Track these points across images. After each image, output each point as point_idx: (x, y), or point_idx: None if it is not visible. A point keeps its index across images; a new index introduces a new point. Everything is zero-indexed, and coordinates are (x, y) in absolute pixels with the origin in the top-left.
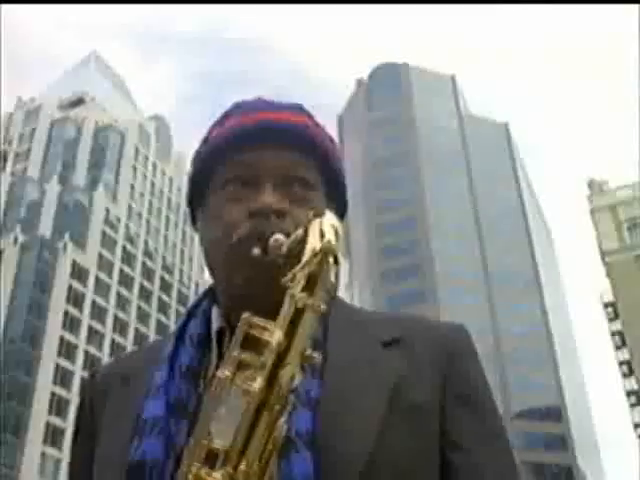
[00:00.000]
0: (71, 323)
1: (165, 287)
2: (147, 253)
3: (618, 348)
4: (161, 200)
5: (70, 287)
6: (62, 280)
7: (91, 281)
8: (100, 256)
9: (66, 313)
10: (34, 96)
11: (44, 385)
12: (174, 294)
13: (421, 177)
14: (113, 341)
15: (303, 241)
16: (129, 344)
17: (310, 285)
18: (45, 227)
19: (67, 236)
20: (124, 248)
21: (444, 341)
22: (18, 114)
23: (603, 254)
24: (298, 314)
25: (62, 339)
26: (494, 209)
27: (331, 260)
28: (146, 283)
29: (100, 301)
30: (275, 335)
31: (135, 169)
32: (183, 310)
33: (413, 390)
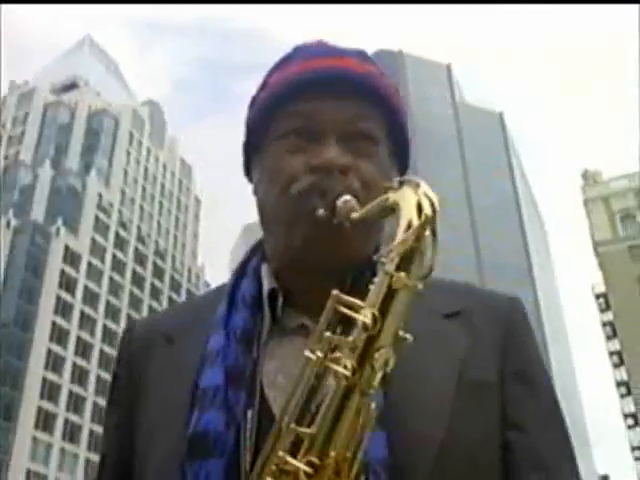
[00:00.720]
0: (63, 308)
1: (158, 273)
2: (140, 239)
3: (609, 339)
4: (154, 186)
5: (62, 272)
6: (54, 265)
7: (83, 266)
8: (93, 241)
9: (58, 298)
10: (27, 79)
11: (35, 370)
12: (167, 280)
13: (415, 165)
14: (105, 327)
15: (384, 210)
16: (121, 330)
17: (406, 263)
18: (38, 211)
19: (60, 221)
20: (117, 233)
21: (502, 314)
22: (11, 97)
23: (596, 245)
24: (392, 293)
25: (54, 324)
26: (488, 198)
27: (430, 238)
28: (139, 269)
29: (92, 286)
30: (368, 315)
31: (129, 154)
32: (175, 296)
33: (478, 365)
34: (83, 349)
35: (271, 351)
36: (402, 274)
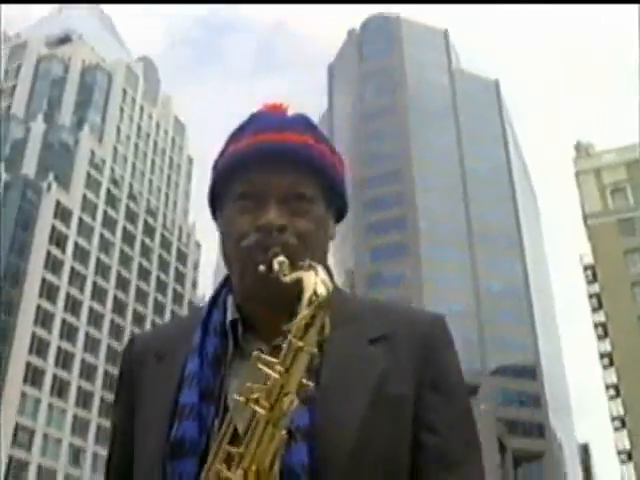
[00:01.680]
0: (53, 264)
1: (148, 231)
2: (131, 196)
3: (595, 310)
4: (147, 143)
5: (53, 228)
6: (45, 220)
7: (74, 222)
8: (84, 197)
9: (48, 254)
10: (19, 32)
11: (25, 325)
12: (157, 238)
13: (409, 131)
14: (95, 284)
15: (300, 288)
16: (111, 287)
17: (306, 331)
18: (29, 166)
19: (51, 176)
20: (108, 190)
21: (423, 335)
22: (3, 50)
23: (585, 217)
24: (295, 355)
25: (44, 280)
26: (480, 166)
27: (322, 311)
28: (129, 226)
29: (83, 243)
30: (277, 370)
31: (122, 111)
32: (166, 255)
33: (394, 383)
34: (72, 306)
35: (235, 372)
36: (300, 342)
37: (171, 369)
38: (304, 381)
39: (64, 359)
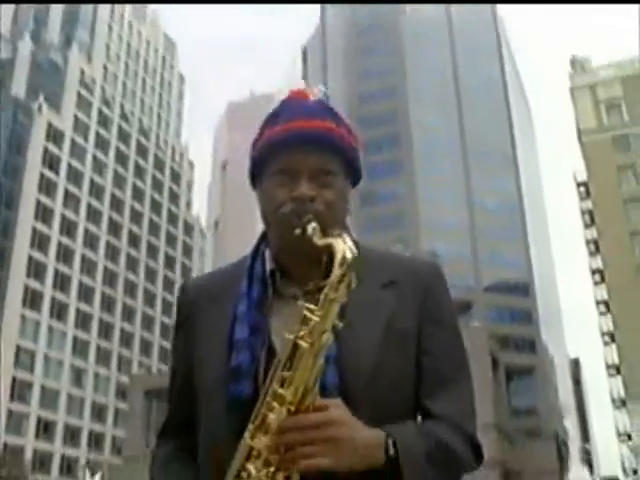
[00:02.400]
0: (47, 186)
1: (141, 151)
2: (123, 116)
3: (587, 227)
4: (137, 62)
5: (45, 149)
6: (37, 142)
7: (67, 144)
8: (76, 118)
9: (42, 176)
10: None
11: (21, 248)
12: (150, 159)
13: (403, 47)
14: (89, 205)
15: (331, 251)
16: (106, 209)
17: (337, 286)
18: (18, 87)
19: (41, 97)
20: (100, 111)
21: (423, 280)
22: None
23: (580, 133)
24: (330, 303)
25: (38, 202)
26: (475, 82)
27: (350, 271)
28: (122, 147)
29: (76, 164)
30: (317, 315)
31: (110, 28)
32: (160, 175)
33: (401, 319)
34: (68, 228)
35: (274, 311)
36: (333, 294)
37: (225, 311)
38: (336, 322)
39: (62, 281)
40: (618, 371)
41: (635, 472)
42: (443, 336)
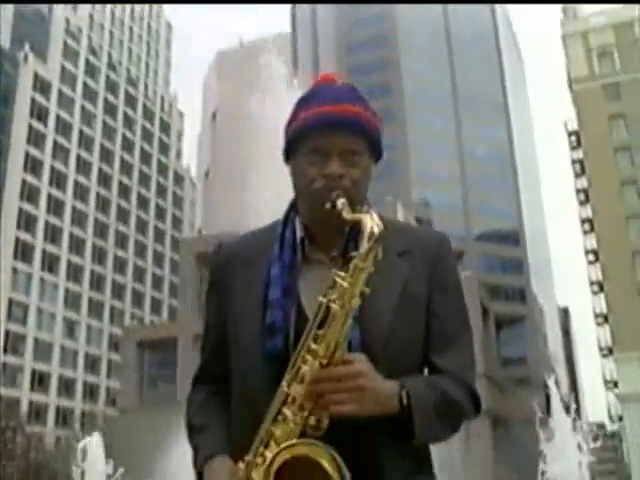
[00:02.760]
0: (36, 138)
1: (130, 101)
2: (111, 66)
3: (577, 176)
4: (123, 10)
5: (33, 100)
6: (24, 93)
7: (54, 94)
8: (62, 68)
9: (30, 127)
10: None
11: (11, 199)
12: (139, 109)
13: None
14: (79, 157)
15: (359, 226)
16: (95, 160)
17: (366, 257)
18: (4, 37)
19: (27, 47)
20: (87, 60)
21: (433, 250)
22: None
23: (571, 82)
24: (358, 272)
25: (27, 154)
26: (467, 31)
27: (377, 244)
28: (110, 97)
29: (64, 116)
30: (347, 282)
31: None
32: (149, 125)
33: (413, 285)
34: (57, 180)
35: (303, 275)
36: (362, 264)
37: (258, 273)
38: (364, 288)
39: (52, 233)
40: (606, 320)
41: (620, 419)
42: (449, 301)
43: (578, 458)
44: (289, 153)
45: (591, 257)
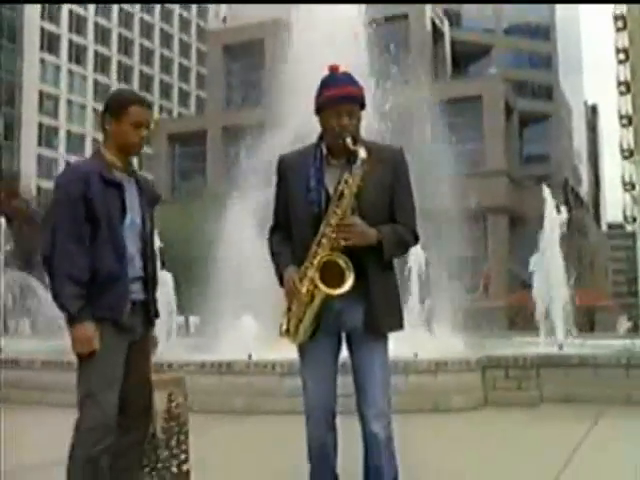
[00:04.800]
0: None
1: None
2: None
3: None
4: None
5: None
6: None
7: None
8: None
9: None
10: None
11: None
12: None
13: None
14: None
15: (356, 152)
16: None
17: (361, 167)
18: None
19: None
20: None
21: (395, 159)
22: None
23: None
24: (355, 178)
25: None
26: None
27: (364, 164)
28: None
29: None
30: (350, 179)
31: None
32: None
33: (385, 179)
34: None
35: (327, 173)
36: (358, 171)
37: (303, 172)
38: (360, 183)
39: (77, 23)
40: (630, 122)
41: (634, 219)
42: (402, 187)
43: None
44: (319, 111)
45: (621, 56)
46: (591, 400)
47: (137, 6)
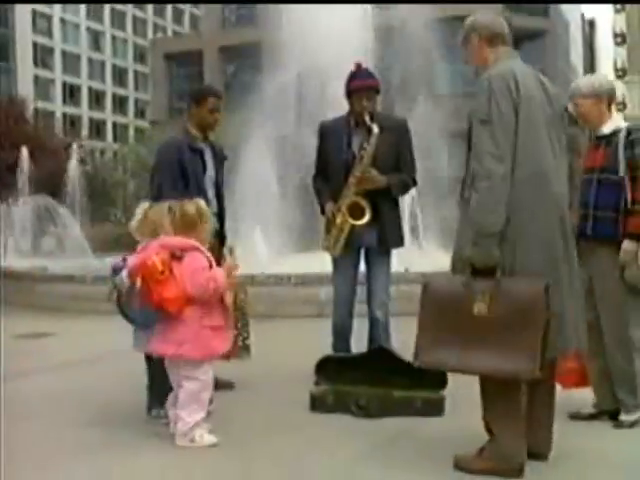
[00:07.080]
0: None
1: None
2: None
3: None
4: None
5: None
6: None
7: None
8: None
9: None
10: None
11: None
12: None
13: None
14: None
15: (371, 128)
16: None
17: (375, 136)
18: None
19: None
20: None
21: (401, 127)
22: None
23: None
24: (374, 140)
25: None
26: None
27: (378, 134)
28: None
29: None
30: (367, 145)
31: None
32: None
33: (394, 141)
34: None
35: (353, 137)
36: (374, 140)
37: (337, 135)
38: (375, 145)
39: None
40: (624, 40)
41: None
42: (406, 147)
43: None
44: (349, 96)
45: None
46: None
47: None
